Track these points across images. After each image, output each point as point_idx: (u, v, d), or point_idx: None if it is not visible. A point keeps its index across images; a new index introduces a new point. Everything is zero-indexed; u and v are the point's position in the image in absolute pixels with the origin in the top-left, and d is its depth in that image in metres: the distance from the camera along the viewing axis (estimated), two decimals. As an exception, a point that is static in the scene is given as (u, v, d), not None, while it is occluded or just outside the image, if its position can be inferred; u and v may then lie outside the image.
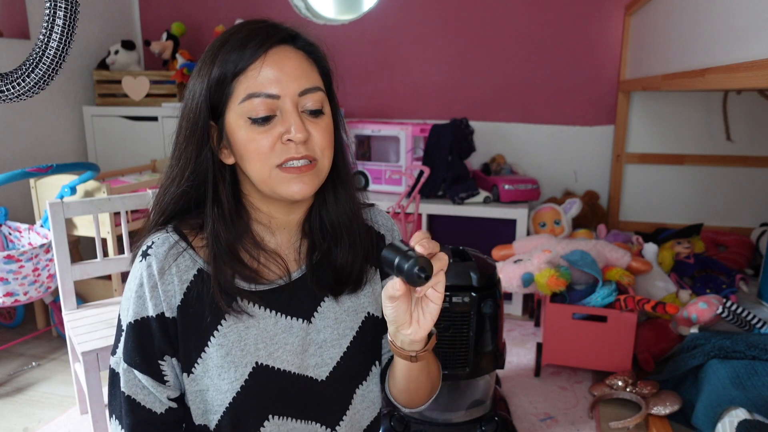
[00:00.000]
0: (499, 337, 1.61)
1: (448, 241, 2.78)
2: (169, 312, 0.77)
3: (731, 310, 1.87)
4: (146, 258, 0.77)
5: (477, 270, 1.54)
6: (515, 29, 2.97)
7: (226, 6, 3.24)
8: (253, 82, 0.74)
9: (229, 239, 0.78)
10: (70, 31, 1.38)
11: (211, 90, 0.76)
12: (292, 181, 0.75)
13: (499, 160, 3.03)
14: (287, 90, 0.74)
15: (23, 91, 1.42)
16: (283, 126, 0.74)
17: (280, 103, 0.74)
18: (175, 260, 0.77)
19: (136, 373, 0.78)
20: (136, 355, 0.78)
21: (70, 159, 2.98)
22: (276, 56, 0.75)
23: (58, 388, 2.03)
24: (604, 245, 2.19)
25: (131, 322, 0.77)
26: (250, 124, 0.74)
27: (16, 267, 1.99)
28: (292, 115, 0.74)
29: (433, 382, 0.89)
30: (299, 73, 0.75)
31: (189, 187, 0.79)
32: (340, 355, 0.86)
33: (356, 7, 3.27)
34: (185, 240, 0.79)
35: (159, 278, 0.76)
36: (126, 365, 0.79)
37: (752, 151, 2.83)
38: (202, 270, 0.78)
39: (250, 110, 0.74)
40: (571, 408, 1.88)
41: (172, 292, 0.77)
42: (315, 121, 0.77)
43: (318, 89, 0.77)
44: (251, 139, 0.74)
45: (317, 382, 0.84)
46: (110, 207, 1.76)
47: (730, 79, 1.46)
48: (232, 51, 0.74)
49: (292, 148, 0.74)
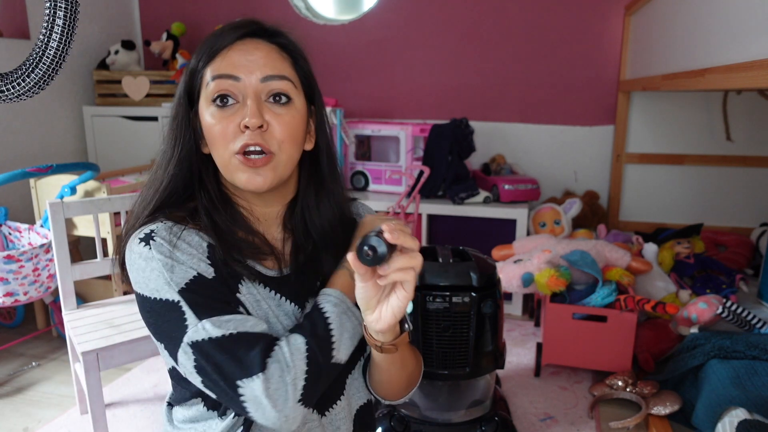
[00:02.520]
0: (499, 337, 1.61)
1: (448, 241, 2.79)
2: (207, 273, 0.75)
3: (731, 310, 1.87)
4: (152, 240, 0.75)
5: (477, 270, 1.54)
6: (515, 29, 2.97)
7: (226, 6, 3.24)
8: (218, 65, 0.76)
9: (224, 221, 0.80)
10: (70, 31, 1.38)
11: (188, 79, 0.79)
12: (245, 171, 0.76)
13: (499, 160, 3.03)
14: (249, 74, 0.75)
15: (23, 91, 1.42)
16: (243, 112, 0.75)
17: (241, 86, 0.75)
18: (182, 237, 0.76)
19: (225, 317, 0.72)
20: (213, 303, 0.73)
21: (70, 159, 2.98)
22: (244, 45, 0.77)
23: (58, 388, 2.03)
24: (604, 245, 2.19)
25: (183, 287, 0.73)
26: (214, 108, 0.76)
27: (16, 267, 1.99)
28: (250, 100, 0.75)
29: (409, 376, 0.88)
30: (265, 61, 0.77)
31: (174, 175, 0.80)
32: None
33: (356, 7, 3.27)
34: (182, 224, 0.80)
35: (177, 252, 0.75)
36: (209, 319, 0.71)
37: (752, 151, 2.83)
38: (212, 245, 0.78)
39: (213, 92, 0.76)
40: (571, 408, 1.88)
41: (198, 258, 0.75)
42: (278, 111, 0.77)
43: (283, 78, 0.77)
44: (213, 123, 0.76)
45: None
46: (110, 207, 1.76)
47: (730, 79, 1.46)
48: (207, 42, 0.78)
49: (248, 134, 0.74)
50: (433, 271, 1.54)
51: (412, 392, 0.94)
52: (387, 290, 0.72)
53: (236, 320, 0.73)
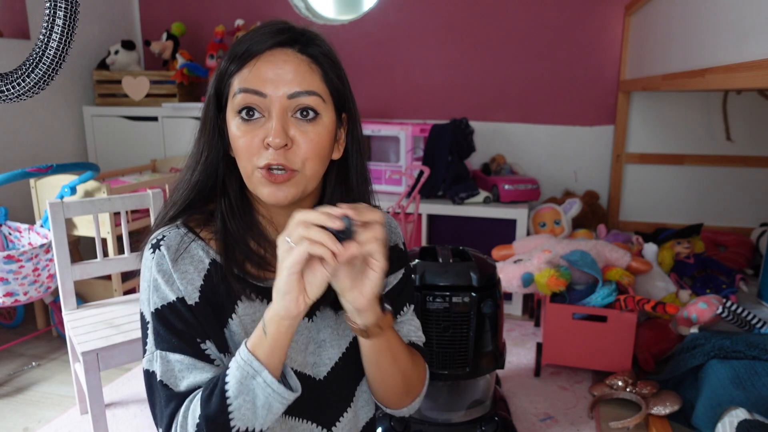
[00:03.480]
0: (499, 337, 1.61)
1: (448, 241, 2.79)
2: (190, 299, 0.76)
3: (731, 310, 1.87)
4: (158, 249, 0.77)
5: (477, 270, 1.54)
6: (515, 29, 2.97)
7: (226, 6, 3.24)
8: (246, 77, 0.74)
9: (237, 229, 0.79)
10: (70, 31, 1.38)
11: (217, 83, 0.78)
12: (267, 186, 0.75)
13: (499, 160, 3.03)
14: (276, 90, 0.73)
15: (23, 91, 1.42)
16: (267, 127, 0.73)
17: (268, 102, 0.73)
18: (187, 250, 0.77)
19: (174, 356, 0.74)
20: (171, 337, 0.75)
21: (70, 159, 2.99)
22: (273, 56, 0.74)
23: (58, 388, 2.03)
24: (604, 245, 2.19)
25: (155, 309, 0.76)
26: (239, 120, 0.75)
27: (16, 267, 1.99)
28: (275, 118, 0.73)
29: (404, 373, 0.85)
30: (293, 75, 0.74)
31: (201, 179, 0.80)
32: (339, 356, 0.86)
33: (356, 7, 3.27)
34: (194, 233, 0.80)
35: (173, 267, 0.76)
36: (161, 352, 0.75)
37: (752, 151, 2.83)
38: (215, 261, 0.78)
39: (239, 104, 0.74)
40: (571, 408, 1.88)
41: (189, 279, 0.76)
42: (304, 128, 0.75)
43: (312, 94, 0.74)
44: (238, 136, 0.75)
45: (315, 381, 0.84)
46: (110, 207, 1.76)
47: (730, 79, 1.46)
48: (238, 48, 0.76)
49: (271, 153, 0.73)
50: (433, 271, 1.54)
51: (415, 403, 0.91)
52: (359, 269, 0.72)
53: (181, 365, 0.75)
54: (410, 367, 0.87)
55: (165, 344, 0.75)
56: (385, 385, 0.86)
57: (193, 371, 0.75)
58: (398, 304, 0.92)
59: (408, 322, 0.93)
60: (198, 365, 0.75)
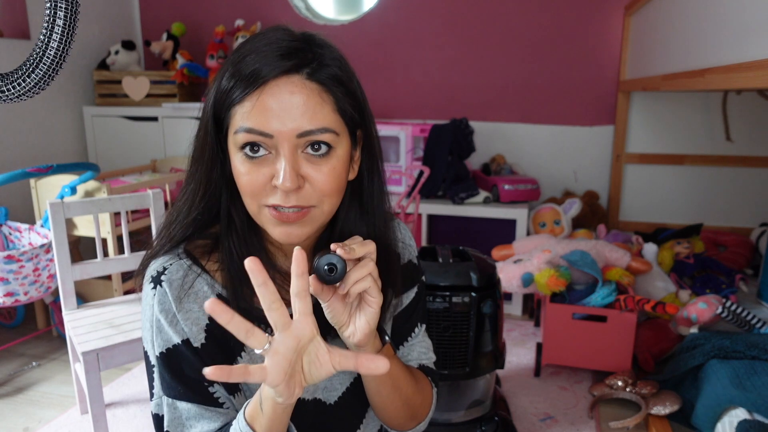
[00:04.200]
0: (499, 337, 1.61)
1: (448, 241, 2.79)
2: (195, 341, 0.72)
3: (731, 310, 1.87)
4: (159, 286, 0.71)
5: (477, 270, 1.54)
6: (515, 29, 2.97)
7: (226, 6, 3.24)
8: (248, 114, 0.65)
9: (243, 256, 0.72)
10: (70, 31, 1.38)
11: (216, 106, 0.70)
12: (278, 226, 0.69)
13: (499, 160, 3.03)
14: (283, 129, 0.65)
15: (23, 91, 1.42)
16: (275, 167, 0.66)
17: (275, 142, 0.65)
18: (191, 287, 0.72)
19: (181, 405, 0.71)
20: (177, 384, 0.71)
21: (70, 159, 2.99)
22: (278, 88, 0.65)
23: (58, 388, 2.03)
24: (604, 245, 2.19)
25: (160, 353, 0.72)
26: (242, 156, 0.67)
27: (16, 267, 1.99)
28: (284, 159, 0.65)
29: (407, 400, 0.81)
30: (302, 111, 0.65)
31: (200, 213, 0.74)
32: (351, 381, 0.83)
33: (356, 7, 3.27)
34: (198, 264, 0.74)
35: (177, 307, 0.71)
36: (169, 399, 0.72)
37: (752, 151, 2.83)
38: (221, 295, 0.73)
39: (241, 143, 0.67)
40: (571, 408, 1.88)
41: (194, 319, 0.72)
42: (317, 162, 0.67)
43: (324, 131, 0.66)
44: (243, 173, 0.68)
45: (327, 405, 0.82)
46: (110, 207, 1.76)
47: (730, 79, 1.46)
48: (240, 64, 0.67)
49: (281, 195, 0.67)
50: (433, 271, 1.54)
51: (420, 427, 0.87)
52: (355, 303, 0.69)
53: (188, 413, 0.72)
54: (413, 393, 0.83)
55: (172, 391, 0.72)
56: (387, 411, 0.83)
57: (201, 420, 0.72)
58: (410, 325, 0.88)
59: (419, 344, 0.89)
60: (206, 414, 0.72)
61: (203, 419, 0.72)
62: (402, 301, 0.86)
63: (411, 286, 0.88)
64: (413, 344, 0.88)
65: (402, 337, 0.87)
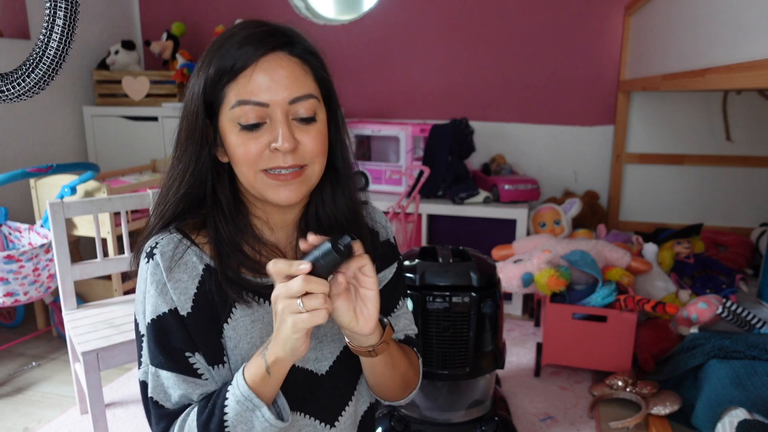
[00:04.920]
0: (499, 337, 1.61)
1: (448, 241, 2.79)
2: (183, 309, 0.77)
3: (731, 310, 1.87)
4: (152, 258, 0.77)
5: (477, 270, 1.54)
6: (515, 29, 2.97)
7: (226, 6, 3.24)
8: (243, 89, 0.74)
9: (230, 233, 0.79)
10: (70, 31, 1.38)
11: (206, 91, 0.76)
12: (278, 188, 0.76)
13: (499, 160, 3.03)
14: (277, 98, 0.73)
15: (23, 91, 1.42)
16: (272, 134, 0.74)
17: (270, 111, 0.74)
18: (182, 258, 0.78)
19: (163, 373, 0.77)
20: (159, 354, 0.77)
21: (70, 159, 2.99)
22: (268, 63, 0.74)
23: (58, 388, 2.03)
24: (604, 245, 2.19)
25: (150, 321, 0.77)
26: (239, 130, 0.75)
27: (16, 267, 1.99)
28: (281, 124, 0.74)
29: (403, 375, 0.88)
30: (290, 81, 0.74)
31: (189, 188, 0.79)
32: (340, 350, 0.87)
33: (356, 7, 3.27)
34: (188, 238, 0.80)
35: (167, 276, 0.76)
36: (153, 368, 0.78)
37: (752, 151, 2.83)
38: (209, 266, 0.79)
39: (239, 116, 0.74)
40: (571, 408, 1.88)
41: (183, 288, 0.77)
42: (306, 128, 0.76)
43: (310, 97, 0.76)
44: (240, 144, 0.75)
45: (317, 376, 0.85)
46: (110, 207, 1.76)
47: (730, 79, 1.46)
48: (226, 54, 0.75)
49: (279, 157, 0.74)
50: (433, 271, 1.54)
51: (412, 395, 0.94)
52: (354, 295, 0.75)
53: (169, 382, 0.77)
54: (407, 367, 0.89)
55: (155, 360, 0.77)
56: (386, 387, 0.88)
57: (180, 388, 0.77)
58: (394, 299, 0.94)
59: (403, 316, 0.96)
60: (184, 383, 0.77)
61: (182, 388, 0.77)
62: (386, 275, 0.93)
63: (392, 262, 0.95)
64: (399, 315, 0.95)
65: (389, 309, 0.94)
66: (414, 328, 0.98)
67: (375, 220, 0.95)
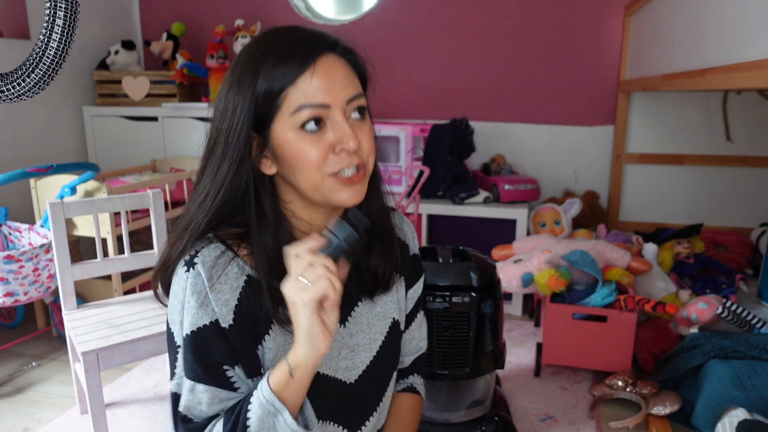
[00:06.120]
0: (499, 337, 1.61)
1: (448, 241, 2.78)
2: (224, 321, 0.75)
3: (731, 310, 1.87)
4: (193, 268, 0.75)
5: (477, 270, 1.54)
6: (515, 29, 2.97)
7: (226, 6, 3.24)
8: (303, 93, 0.72)
9: (275, 247, 0.77)
10: (70, 31, 1.38)
11: (257, 103, 0.74)
12: (345, 190, 0.76)
13: (499, 160, 3.03)
14: (336, 99, 0.74)
15: (23, 91, 1.42)
16: (334, 135, 0.74)
17: (330, 112, 0.74)
18: (224, 269, 0.76)
19: (200, 387, 0.75)
20: (198, 367, 0.75)
21: (70, 159, 2.98)
22: (323, 66, 0.74)
23: (58, 388, 2.03)
24: (604, 245, 2.19)
25: (188, 333, 0.75)
26: (301, 135, 0.73)
27: (16, 267, 1.99)
28: (343, 124, 0.74)
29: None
30: (346, 81, 0.75)
31: (226, 202, 0.77)
32: (370, 359, 0.87)
33: (356, 7, 3.27)
34: (231, 249, 0.78)
35: (209, 287, 0.74)
36: (189, 382, 0.76)
37: (752, 151, 2.83)
38: (251, 276, 0.77)
39: (301, 121, 0.73)
40: (571, 408, 1.88)
41: (224, 300, 0.75)
42: (361, 127, 0.77)
43: (361, 96, 0.77)
44: (303, 149, 0.73)
45: (346, 385, 0.85)
46: (110, 207, 1.76)
47: (730, 79, 1.46)
48: (278, 64, 0.73)
49: (345, 157, 0.74)
50: (433, 271, 1.54)
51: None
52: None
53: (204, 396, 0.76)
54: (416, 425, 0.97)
55: (192, 373, 0.76)
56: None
57: (216, 400, 0.76)
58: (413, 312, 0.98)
59: (418, 329, 0.99)
60: (219, 396, 0.76)
61: (217, 401, 0.76)
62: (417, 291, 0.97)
63: (418, 277, 0.97)
64: (413, 329, 0.98)
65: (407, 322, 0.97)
66: (424, 344, 1.01)
67: (404, 231, 0.95)
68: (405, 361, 1.01)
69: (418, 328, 0.99)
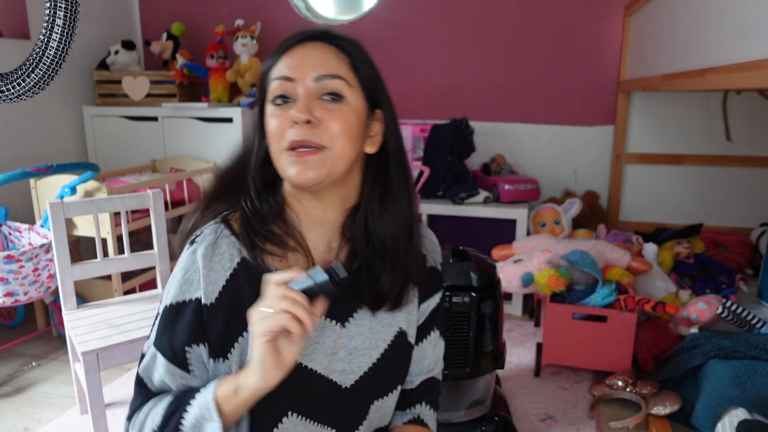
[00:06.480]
0: (499, 337, 1.61)
1: (448, 241, 2.78)
2: (207, 299, 0.77)
3: (731, 310, 1.87)
4: (192, 245, 0.80)
5: (477, 270, 1.54)
6: (515, 29, 2.97)
7: (226, 6, 3.24)
8: (279, 68, 0.78)
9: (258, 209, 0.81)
10: (70, 31, 1.38)
11: (261, 83, 0.81)
12: (293, 165, 0.75)
13: (499, 160, 3.03)
14: (303, 74, 0.76)
15: (23, 91, 1.42)
16: (295, 110, 0.76)
17: (296, 86, 0.76)
18: (219, 247, 0.79)
19: (160, 358, 0.79)
20: (163, 337, 0.79)
21: (70, 159, 2.98)
22: (303, 48, 0.78)
23: (58, 388, 2.03)
24: (604, 245, 2.19)
25: (167, 305, 0.79)
26: (270, 109, 0.78)
27: (16, 267, 1.99)
28: (301, 97, 0.75)
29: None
30: (320, 61, 0.77)
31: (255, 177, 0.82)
32: (369, 366, 0.84)
33: (356, 7, 3.27)
34: (230, 229, 0.81)
35: (203, 264, 0.77)
36: (153, 349, 0.80)
37: (752, 151, 2.83)
38: (245, 259, 0.79)
39: (273, 92, 0.77)
40: (571, 408, 1.88)
41: (214, 278, 0.78)
42: (330, 107, 0.76)
43: (337, 77, 0.76)
44: (269, 122, 0.78)
45: (341, 389, 0.83)
46: (110, 207, 1.76)
47: (730, 79, 1.46)
48: (274, 52, 0.81)
49: (296, 130, 0.75)
50: (433, 271, 1.54)
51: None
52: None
53: (159, 364, 0.80)
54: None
55: (158, 342, 0.80)
56: None
57: (167, 375, 0.79)
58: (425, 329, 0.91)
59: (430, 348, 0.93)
60: (175, 372, 0.79)
61: (168, 377, 0.80)
62: (429, 305, 0.91)
63: (435, 292, 0.92)
64: (425, 346, 0.92)
65: (418, 339, 0.91)
66: (437, 368, 0.95)
67: (424, 241, 0.91)
68: (413, 381, 0.93)
69: (432, 347, 0.92)
